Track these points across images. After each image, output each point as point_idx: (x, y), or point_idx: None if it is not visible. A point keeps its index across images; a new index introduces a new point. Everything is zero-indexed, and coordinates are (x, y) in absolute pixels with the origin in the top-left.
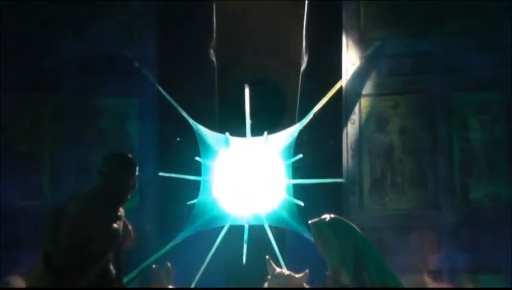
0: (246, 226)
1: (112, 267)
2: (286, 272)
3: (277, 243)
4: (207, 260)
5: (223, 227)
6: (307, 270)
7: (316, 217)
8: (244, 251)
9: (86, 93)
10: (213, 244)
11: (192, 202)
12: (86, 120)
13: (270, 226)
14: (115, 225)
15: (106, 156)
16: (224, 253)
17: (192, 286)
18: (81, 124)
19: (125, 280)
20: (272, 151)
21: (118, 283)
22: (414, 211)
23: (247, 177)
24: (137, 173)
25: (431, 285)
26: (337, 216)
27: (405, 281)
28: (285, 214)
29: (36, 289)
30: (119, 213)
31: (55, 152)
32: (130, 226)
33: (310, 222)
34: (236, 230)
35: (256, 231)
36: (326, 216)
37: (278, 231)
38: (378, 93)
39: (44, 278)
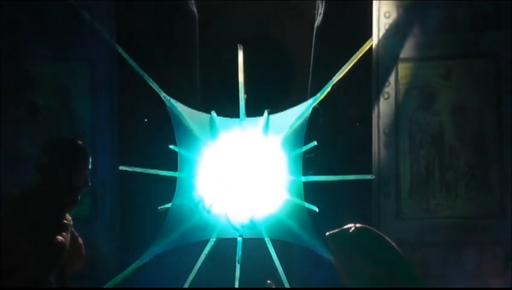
0: (239, 239)
1: None
2: None
3: (282, 264)
4: (186, 285)
5: (207, 241)
6: None
7: (336, 227)
8: (237, 275)
9: (14, 56)
10: (193, 265)
11: (164, 207)
12: (14, 94)
13: (271, 240)
14: (59, 238)
15: (46, 143)
16: (209, 278)
17: None
18: (7, 99)
19: None
20: (274, 136)
21: None
22: (472, 220)
23: (241, 173)
24: (90, 167)
25: None
26: (365, 226)
27: None
28: (292, 224)
29: None
30: (64, 221)
31: None
32: (80, 240)
33: (327, 234)
34: (225, 245)
35: (253, 246)
36: (351, 226)
37: (283, 247)
38: (423, 57)
39: None
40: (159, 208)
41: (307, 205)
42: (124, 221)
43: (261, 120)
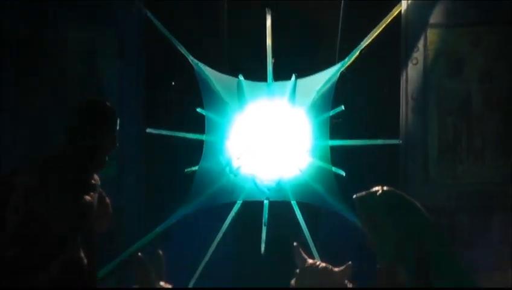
0: (266, 202)
1: (82, 255)
2: (321, 264)
3: (308, 227)
4: (211, 248)
5: (233, 204)
6: (350, 263)
7: (363, 190)
8: (263, 237)
9: (40, 23)
10: (219, 227)
11: (191, 169)
12: (40, 60)
13: (298, 203)
14: (87, 198)
15: (74, 106)
16: (235, 240)
17: (191, 284)
18: (33, 65)
19: (100, 273)
20: (302, 101)
21: (90, 277)
22: (499, 186)
23: (268, 137)
24: (117, 128)
25: None
26: (393, 189)
27: (486, 281)
28: (319, 187)
29: None
30: (92, 181)
31: None
32: (107, 200)
33: (354, 196)
34: (252, 208)
35: (280, 209)
36: (378, 189)
37: (309, 210)
38: (452, 24)
39: None
40: (185, 170)
41: (333, 169)
42: (151, 183)
43: (289, 84)
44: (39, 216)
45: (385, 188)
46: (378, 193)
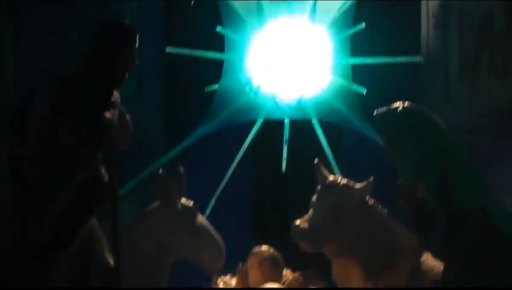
0: (287, 121)
1: (103, 172)
2: (342, 180)
3: (330, 144)
4: (232, 167)
5: (254, 122)
6: (371, 178)
7: (384, 108)
8: (284, 155)
9: None
10: (240, 145)
11: (211, 88)
12: None
13: (319, 121)
14: (108, 115)
15: (95, 22)
16: (256, 159)
17: (212, 202)
18: None
19: (121, 192)
20: (323, 19)
21: (111, 194)
22: None
23: (288, 55)
24: (137, 45)
25: None
26: (414, 105)
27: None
28: (340, 106)
29: None
30: (112, 99)
31: (15, 23)
32: (127, 117)
33: (375, 113)
34: (272, 127)
35: (301, 127)
36: (399, 105)
37: (330, 128)
38: None
39: (10, 194)
40: (205, 89)
41: (354, 86)
42: (171, 102)
43: (309, 3)
44: (59, 134)
45: (406, 104)
46: (399, 109)
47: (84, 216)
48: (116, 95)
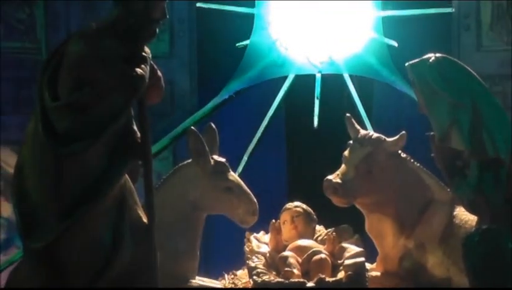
0: (318, 76)
1: (135, 128)
2: (374, 134)
3: (361, 99)
4: (264, 123)
5: (285, 78)
6: (403, 132)
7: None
8: (316, 110)
9: None
10: (272, 101)
11: (242, 43)
12: None
13: (351, 76)
14: (138, 70)
15: None
16: (288, 115)
17: (244, 158)
18: None
19: (154, 148)
20: None
21: (143, 150)
22: None
23: (320, 9)
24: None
25: None
26: (446, 56)
27: None
28: (372, 59)
29: None
30: (143, 53)
31: None
32: (159, 73)
33: (407, 64)
34: (304, 82)
35: (332, 82)
36: (431, 56)
37: (362, 82)
38: None
39: (42, 149)
40: (237, 45)
41: (386, 40)
42: (202, 59)
43: None
44: (91, 85)
45: (438, 55)
46: (431, 59)
47: (117, 171)
48: (147, 50)
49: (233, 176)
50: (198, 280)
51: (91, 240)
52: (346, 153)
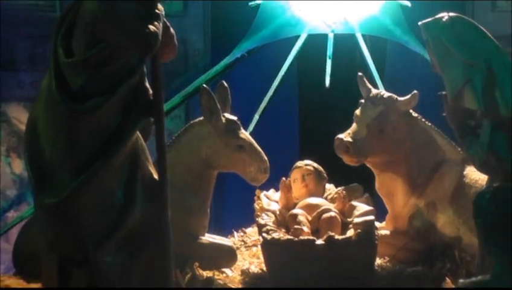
0: (331, 36)
1: (148, 85)
2: (386, 94)
3: (374, 59)
4: (276, 82)
5: (298, 37)
6: (415, 92)
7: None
8: (328, 70)
9: None
10: (284, 60)
11: (255, 3)
12: None
13: (363, 36)
14: (152, 28)
15: None
16: (300, 74)
17: (256, 117)
18: None
19: (166, 106)
20: None
21: (156, 107)
22: None
23: None
24: None
25: None
26: (460, 15)
27: None
28: (385, 19)
29: None
30: (156, 11)
31: None
32: (172, 30)
33: (421, 23)
34: (317, 42)
35: (345, 42)
36: (444, 15)
37: (374, 43)
38: None
39: (56, 106)
40: (249, 4)
41: (399, 0)
42: (216, 17)
43: None
44: (105, 43)
45: (451, 14)
46: (444, 19)
47: (130, 128)
48: (161, 8)
49: (245, 134)
50: (208, 237)
51: (104, 196)
52: (357, 112)
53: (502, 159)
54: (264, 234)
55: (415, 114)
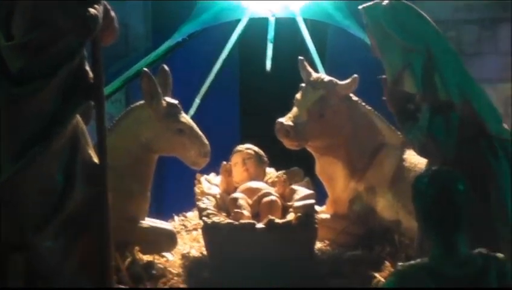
0: (272, 20)
1: (88, 69)
2: (326, 77)
3: (315, 43)
4: (217, 65)
5: (239, 21)
6: (356, 76)
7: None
8: (269, 54)
9: None
10: (225, 44)
11: None
12: None
13: (305, 20)
14: (92, 11)
15: None
16: (242, 57)
17: (197, 101)
18: None
19: (107, 90)
20: None
21: (96, 91)
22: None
23: None
24: None
25: None
26: (400, 0)
27: (492, 94)
28: (326, 4)
29: None
30: None
31: None
32: (112, 13)
33: (361, 7)
34: (258, 26)
35: (287, 26)
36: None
37: (315, 27)
38: None
39: None
40: None
41: None
42: (157, 1)
43: None
44: (45, 26)
45: None
46: (384, 3)
47: (70, 112)
48: None
49: (186, 118)
50: (149, 221)
51: (43, 181)
52: (298, 95)
53: (441, 143)
54: (204, 218)
55: (355, 98)
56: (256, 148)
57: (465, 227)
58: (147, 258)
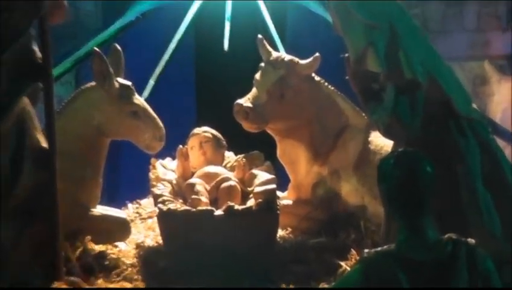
0: None
1: (36, 48)
2: (287, 57)
3: (274, 21)
4: (172, 45)
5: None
6: (317, 54)
7: None
8: (226, 33)
9: None
10: (180, 24)
11: None
12: None
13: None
14: None
15: None
16: (198, 36)
17: (151, 81)
18: None
19: (56, 71)
20: None
21: (44, 71)
22: None
23: None
24: None
25: (493, 78)
26: None
27: (459, 72)
28: None
29: None
30: None
31: None
32: None
33: None
34: (215, 5)
35: (245, 5)
36: None
37: (275, 5)
38: None
39: None
40: None
41: None
42: None
43: None
44: None
45: None
46: None
47: (16, 93)
48: None
49: (139, 100)
50: (101, 209)
51: None
52: (257, 76)
53: (406, 124)
54: (160, 205)
55: (317, 78)
56: (213, 131)
57: (431, 210)
58: (99, 248)
